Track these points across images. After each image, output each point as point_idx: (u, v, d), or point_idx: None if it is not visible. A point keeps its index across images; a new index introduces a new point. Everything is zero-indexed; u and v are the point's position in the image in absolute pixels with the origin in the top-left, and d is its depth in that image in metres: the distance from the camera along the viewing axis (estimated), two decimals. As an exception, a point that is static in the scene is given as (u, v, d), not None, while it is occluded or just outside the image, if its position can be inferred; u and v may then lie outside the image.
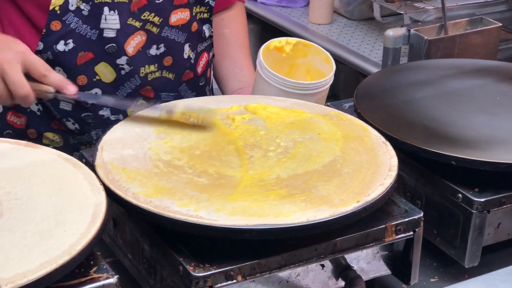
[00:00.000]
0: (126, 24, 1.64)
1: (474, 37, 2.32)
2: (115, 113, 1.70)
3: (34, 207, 1.14)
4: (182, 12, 1.71)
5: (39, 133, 1.73)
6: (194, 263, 1.13)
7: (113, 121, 1.69)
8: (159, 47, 1.69)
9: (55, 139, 1.73)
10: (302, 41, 1.71)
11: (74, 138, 1.73)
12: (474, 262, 1.39)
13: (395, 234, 1.26)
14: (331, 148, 1.37)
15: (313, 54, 1.70)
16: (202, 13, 1.77)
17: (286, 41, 1.70)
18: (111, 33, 1.63)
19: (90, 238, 1.08)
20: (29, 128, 1.74)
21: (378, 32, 2.99)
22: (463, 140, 1.45)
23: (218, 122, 1.44)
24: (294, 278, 1.21)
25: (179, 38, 1.72)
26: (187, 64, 1.76)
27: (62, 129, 1.73)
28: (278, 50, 1.70)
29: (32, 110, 1.71)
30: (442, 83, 1.71)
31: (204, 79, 1.83)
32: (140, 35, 1.66)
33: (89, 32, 1.63)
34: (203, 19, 1.78)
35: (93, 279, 1.07)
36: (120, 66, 1.66)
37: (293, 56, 1.71)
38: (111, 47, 1.64)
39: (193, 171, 1.28)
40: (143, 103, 1.58)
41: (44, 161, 1.27)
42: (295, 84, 1.58)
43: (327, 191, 1.23)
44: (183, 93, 1.77)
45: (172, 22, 1.70)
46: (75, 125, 1.71)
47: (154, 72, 1.70)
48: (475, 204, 1.35)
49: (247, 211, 1.17)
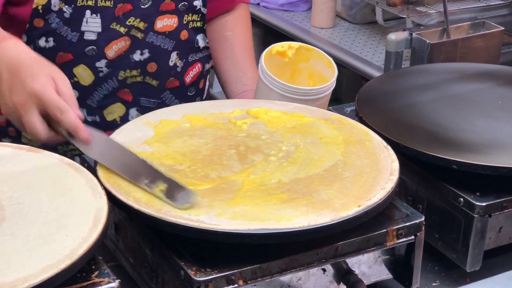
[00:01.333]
0: (109, 28, 1.64)
1: (477, 41, 2.32)
2: (91, 114, 1.70)
3: (36, 211, 1.15)
4: (169, 18, 1.71)
5: (18, 131, 1.73)
6: (196, 267, 1.13)
7: (89, 122, 1.69)
8: (143, 52, 1.69)
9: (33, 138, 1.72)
10: (305, 45, 1.71)
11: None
12: (475, 266, 1.39)
13: (397, 238, 1.26)
14: (333, 152, 1.37)
15: (316, 58, 1.70)
16: (195, 21, 1.76)
17: (288, 46, 1.70)
18: (92, 35, 1.63)
19: (91, 242, 1.08)
20: (9, 127, 1.74)
21: (380, 36, 2.99)
22: (464, 144, 1.45)
23: (220, 126, 1.45)
24: (296, 283, 1.21)
25: (166, 45, 1.71)
26: (172, 71, 1.74)
27: None
28: (281, 54, 1.70)
29: None
30: (444, 87, 1.71)
31: (194, 90, 1.82)
32: (124, 40, 1.66)
33: (69, 34, 1.63)
34: (195, 28, 1.77)
35: (95, 283, 1.08)
36: (99, 69, 1.66)
37: (295, 60, 1.71)
38: (91, 50, 1.64)
39: (195, 175, 1.28)
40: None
41: (46, 165, 1.27)
42: (297, 90, 1.58)
43: (329, 195, 1.23)
44: (167, 101, 1.76)
45: (158, 28, 1.69)
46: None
47: (135, 77, 1.70)
48: (477, 208, 1.35)
49: (249, 215, 1.17)
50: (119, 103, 1.71)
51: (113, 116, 1.71)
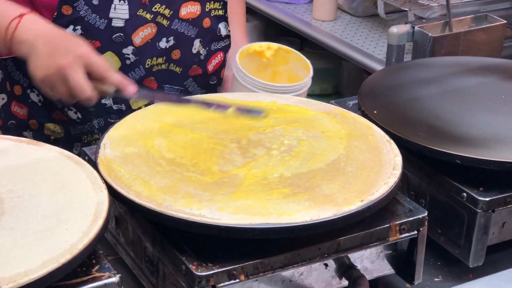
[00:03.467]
0: (136, 15, 1.65)
1: (479, 34, 2.30)
2: (117, 103, 1.71)
3: (36, 205, 1.14)
4: (192, 5, 1.72)
5: (40, 123, 1.74)
6: (197, 262, 1.13)
7: (115, 110, 1.71)
8: (169, 40, 1.70)
9: (56, 129, 1.73)
10: (284, 47, 1.74)
11: (75, 128, 1.73)
12: (478, 262, 1.38)
13: (399, 233, 1.25)
14: (335, 146, 1.36)
15: (294, 61, 1.71)
16: (217, 9, 1.77)
17: (267, 46, 1.73)
18: (120, 22, 1.64)
19: (92, 236, 1.07)
20: (31, 119, 1.74)
21: (382, 29, 2.98)
22: (467, 138, 1.44)
23: (221, 120, 1.44)
24: (297, 278, 1.21)
25: (189, 32, 1.72)
26: (195, 59, 1.75)
27: (63, 119, 1.72)
28: (259, 54, 1.70)
29: (33, 101, 1.71)
30: (446, 81, 1.70)
31: (216, 78, 1.83)
32: (150, 27, 1.67)
33: (98, 22, 1.63)
34: (218, 16, 1.78)
35: (95, 278, 1.07)
36: (126, 56, 1.67)
37: (275, 62, 1.72)
38: (119, 37, 1.65)
39: (196, 169, 1.27)
40: (214, 98, 1.55)
41: (46, 159, 1.26)
42: (265, 86, 1.58)
43: (331, 190, 1.22)
44: (190, 88, 1.77)
45: (182, 15, 1.70)
46: (77, 114, 1.71)
47: (160, 65, 1.71)
48: (480, 203, 1.34)
49: (250, 210, 1.16)
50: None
51: (138, 104, 1.72)
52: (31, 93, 1.71)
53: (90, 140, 1.73)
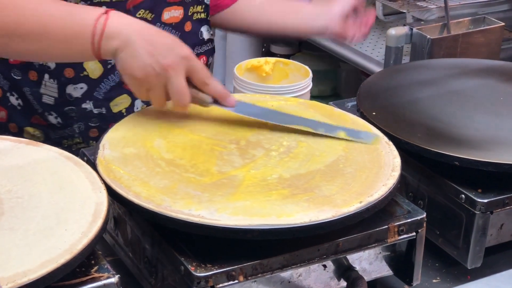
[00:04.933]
0: None
1: (477, 37, 2.31)
2: (98, 107, 1.69)
3: (35, 205, 1.14)
4: (175, 9, 1.70)
5: (20, 127, 1.72)
6: (196, 263, 1.13)
7: (96, 114, 1.69)
8: None
9: (36, 133, 1.72)
10: (282, 59, 1.76)
11: (55, 133, 1.71)
12: (476, 263, 1.38)
13: (398, 234, 1.26)
14: (334, 148, 1.36)
15: (294, 71, 1.72)
16: (199, 13, 1.76)
17: (265, 61, 1.74)
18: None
19: (91, 237, 1.07)
20: (10, 122, 1.72)
21: (380, 30, 2.98)
22: (466, 140, 1.44)
23: (220, 121, 1.44)
24: (296, 279, 1.21)
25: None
26: None
27: (42, 124, 1.71)
28: (257, 69, 1.70)
29: (12, 105, 1.69)
30: (445, 82, 1.70)
31: None
32: None
33: None
34: (200, 20, 1.77)
35: (94, 278, 1.07)
36: (108, 61, 1.64)
37: (275, 77, 1.73)
38: None
39: (195, 170, 1.27)
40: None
41: (46, 159, 1.26)
42: (267, 89, 1.59)
43: (330, 191, 1.23)
44: None
45: (165, 19, 1.69)
46: (57, 119, 1.69)
47: None
48: (478, 205, 1.34)
49: (249, 211, 1.16)
50: (125, 94, 1.70)
51: (119, 108, 1.71)
52: (10, 97, 1.69)
53: (71, 144, 1.71)
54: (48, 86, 1.65)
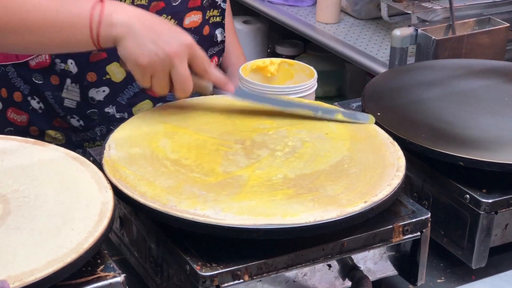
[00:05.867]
0: None
1: (482, 37, 2.31)
2: (120, 111, 1.70)
3: (42, 205, 1.14)
4: (195, 14, 1.71)
5: (41, 130, 1.73)
6: (201, 262, 1.13)
7: (118, 118, 1.70)
8: None
9: (57, 136, 1.73)
10: (287, 60, 1.75)
11: (77, 135, 1.73)
12: (481, 263, 1.39)
13: (402, 234, 1.26)
14: (339, 148, 1.37)
15: (299, 72, 1.72)
16: (215, 16, 1.78)
17: (270, 61, 1.73)
18: None
19: (97, 236, 1.08)
20: (31, 126, 1.73)
21: (385, 31, 2.98)
22: (470, 140, 1.45)
23: (225, 121, 1.44)
24: (301, 278, 1.21)
25: None
26: None
27: (64, 127, 1.72)
28: (262, 70, 1.71)
29: (33, 108, 1.70)
30: (449, 83, 1.70)
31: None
32: None
33: None
34: (215, 23, 1.79)
35: (100, 277, 1.07)
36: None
37: (280, 78, 1.73)
38: None
39: (200, 170, 1.28)
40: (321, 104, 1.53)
41: (52, 159, 1.27)
42: (272, 89, 1.59)
43: (335, 191, 1.23)
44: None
45: (186, 24, 1.70)
46: (79, 122, 1.70)
47: None
48: (483, 205, 1.34)
49: (254, 210, 1.17)
50: (147, 100, 1.71)
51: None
52: (31, 100, 1.70)
53: (92, 146, 1.72)
54: (70, 90, 1.66)
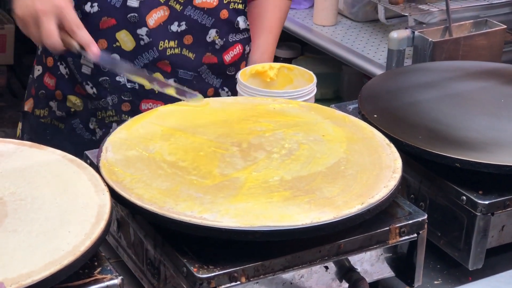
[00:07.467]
0: None
1: (479, 39, 2.31)
2: (131, 82, 1.76)
3: (39, 207, 1.15)
4: None
5: (64, 95, 1.82)
6: (198, 264, 1.13)
7: (129, 88, 1.77)
8: (181, 24, 1.75)
9: (77, 102, 1.82)
10: (286, 65, 1.76)
11: (92, 103, 1.81)
12: (478, 265, 1.39)
13: (399, 236, 1.26)
14: (335, 150, 1.37)
15: (298, 77, 1.72)
16: (236, 3, 1.81)
17: (269, 66, 1.75)
18: (134, 3, 1.71)
19: (94, 239, 1.08)
20: (57, 90, 1.83)
21: (383, 34, 2.98)
22: (467, 142, 1.45)
23: (222, 124, 1.44)
24: (298, 280, 1.21)
25: (203, 21, 1.77)
26: (210, 47, 1.80)
27: (82, 93, 1.81)
28: (261, 74, 1.71)
29: (61, 73, 1.81)
30: (446, 85, 1.71)
31: (234, 70, 1.86)
32: (163, 9, 1.72)
33: (113, 0, 1.70)
34: (237, 10, 1.82)
35: (97, 280, 1.08)
36: (140, 36, 1.72)
37: (279, 83, 1.74)
38: (133, 17, 1.71)
39: (197, 172, 1.28)
40: (158, 76, 1.66)
41: (49, 161, 1.27)
42: (271, 94, 1.59)
43: (331, 193, 1.23)
44: (204, 75, 1.81)
45: (197, 3, 1.75)
46: (93, 89, 1.78)
47: (173, 48, 1.76)
48: (479, 206, 1.35)
49: (251, 212, 1.17)
50: (158, 73, 1.77)
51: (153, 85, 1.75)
52: (60, 65, 1.81)
53: (104, 116, 1.80)
54: (86, 56, 1.71)
